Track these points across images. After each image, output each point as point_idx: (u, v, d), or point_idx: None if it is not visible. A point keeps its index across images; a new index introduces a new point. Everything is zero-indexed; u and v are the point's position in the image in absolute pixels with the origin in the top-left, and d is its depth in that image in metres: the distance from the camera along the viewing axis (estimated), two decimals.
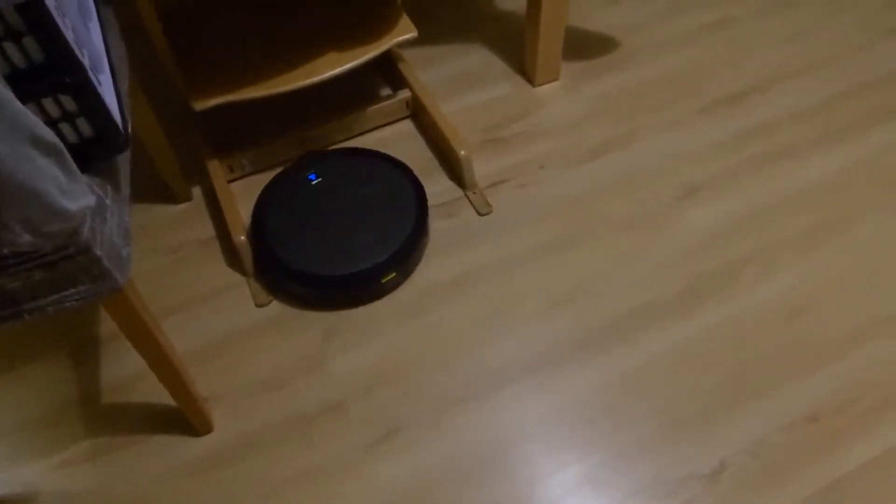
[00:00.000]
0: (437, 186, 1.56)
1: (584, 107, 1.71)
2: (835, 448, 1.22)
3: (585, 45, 1.84)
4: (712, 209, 1.52)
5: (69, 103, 0.82)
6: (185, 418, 1.22)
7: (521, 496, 1.19)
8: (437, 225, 1.51)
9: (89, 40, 0.92)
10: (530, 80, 1.76)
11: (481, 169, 1.59)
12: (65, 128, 0.83)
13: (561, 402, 1.28)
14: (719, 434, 1.24)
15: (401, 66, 1.69)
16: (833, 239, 1.47)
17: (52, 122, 0.82)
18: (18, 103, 0.69)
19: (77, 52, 0.81)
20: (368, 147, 1.58)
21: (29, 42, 0.76)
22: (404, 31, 1.49)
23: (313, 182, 1.48)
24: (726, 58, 1.81)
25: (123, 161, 0.98)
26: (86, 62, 0.84)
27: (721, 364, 1.31)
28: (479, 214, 1.52)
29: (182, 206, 1.55)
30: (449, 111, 1.68)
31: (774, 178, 1.57)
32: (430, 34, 1.86)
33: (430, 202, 1.52)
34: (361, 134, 1.66)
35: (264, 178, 1.54)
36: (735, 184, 1.56)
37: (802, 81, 1.75)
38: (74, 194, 0.77)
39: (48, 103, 0.80)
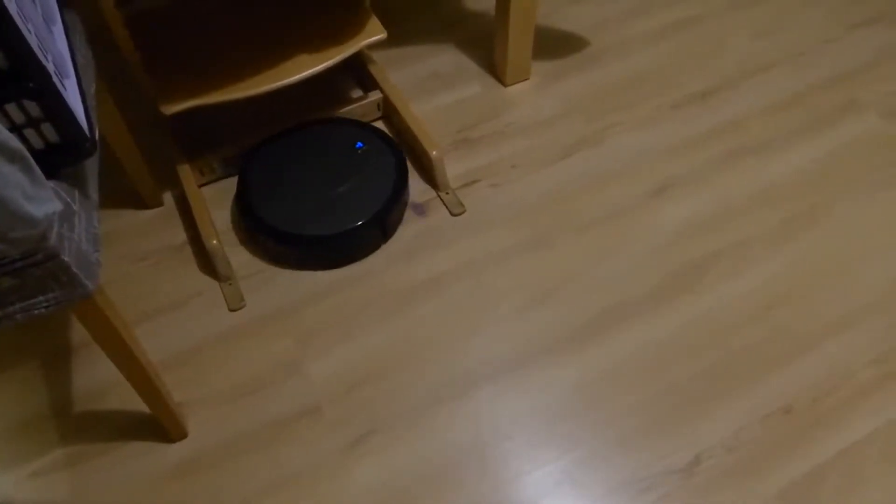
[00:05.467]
0: (409, 188, 1.56)
1: (556, 106, 1.71)
2: (809, 439, 1.23)
3: (556, 45, 1.85)
4: (685, 205, 1.53)
5: (34, 109, 0.81)
6: (159, 425, 1.22)
7: (500, 495, 1.19)
8: (411, 226, 1.51)
9: (53, 45, 0.91)
10: (501, 80, 1.76)
11: (453, 169, 1.59)
12: (30, 134, 0.82)
13: (538, 400, 1.28)
14: (695, 428, 1.25)
15: (371, 67, 1.68)
16: (805, 231, 1.49)
17: (16, 128, 0.81)
18: None
19: (41, 57, 0.80)
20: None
21: None
22: (373, 32, 1.49)
23: (360, 149, 1.53)
24: (696, 54, 1.82)
25: (91, 166, 0.98)
26: (50, 67, 0.83)
27: (696, 359, 1.32)
28: (453, 215, 1.52)
29: (153, 212, 1.54)
30: (420, 112, 1.68)
31: (746, 173, 1.58)
32: (399, 35, 1.86)
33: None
34: None
35: (236, 182, 1.54)
36: (707, 179, 1.57)
37: (772, 76, 1.77)
38: (40, 200, 0.76)
39: (12, 109, 0.79)
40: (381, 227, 1.45)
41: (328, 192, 1.46)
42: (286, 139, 1.54)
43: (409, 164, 1.60)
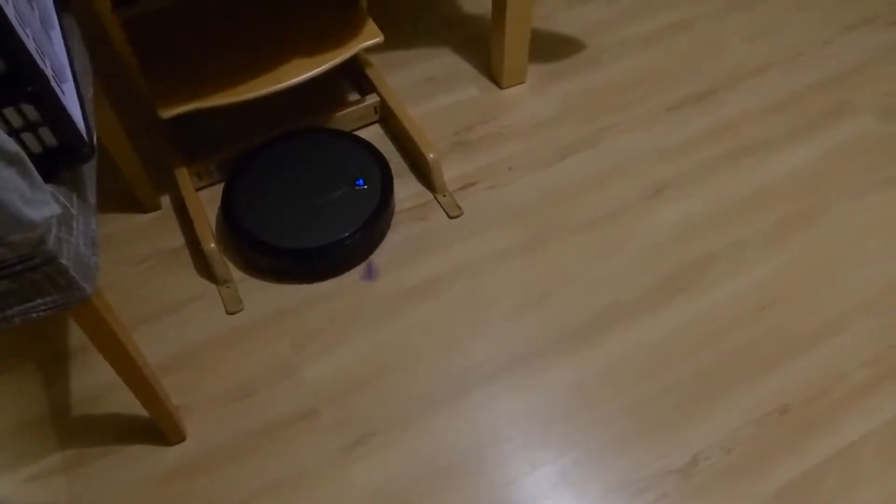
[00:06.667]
0: (406, 190, 1.56)
1: (552, 108, 1.72)
2: (806, 439, 1.24)
3: (552, 47, 1.85)
4: (681, 206, 1.53)
5: (31, 113, 0.81)
6: (157, 428, 1.22)
7: (498, 497, 1.19)
8: (408, 228, 1.51)
9: (51, 49, 0.91)
10: (497, 83, 1.77)
11: (450, 172, 1.59)
12: (28, 138, 0.83)
13: (535, 401, 1.29)
14: (692, 429, 1.25)
15: (368, 70, 1.69)
16: (801, 232, 1.49)
17: (14, 132, 0.81)
18: None
19: (39, 61, 0.81)
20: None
21: None
22: (370, 36, 1.49)
23: (360, 186, 1.49)
24: (692, 56, 1.83)
25: (89, 170, 0.98)
26: (48, 71, 0.83)
27: (692, 359, 1.33)
28: (450, 217, 1.53)
29: (150, 216, 1.54)
30: (417, 115, 1.68)
31: (742, 174, 1.59)
32: (396, 39, 1.87)
33: (399, 207, 1.53)
34: None
35: None
36: (703, 181, 1.58)
37: (767, 77, 1.78)
38: (38, 204, 0.76)
39: (10, 113, 0.80)
40: (362, 244, 1.45)
41: (312, 204, 1.45)
42: (272, 150, 1.54)
43: (406, 168, 1.60)
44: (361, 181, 1.49)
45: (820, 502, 1.18)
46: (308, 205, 1.45)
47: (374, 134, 1.67)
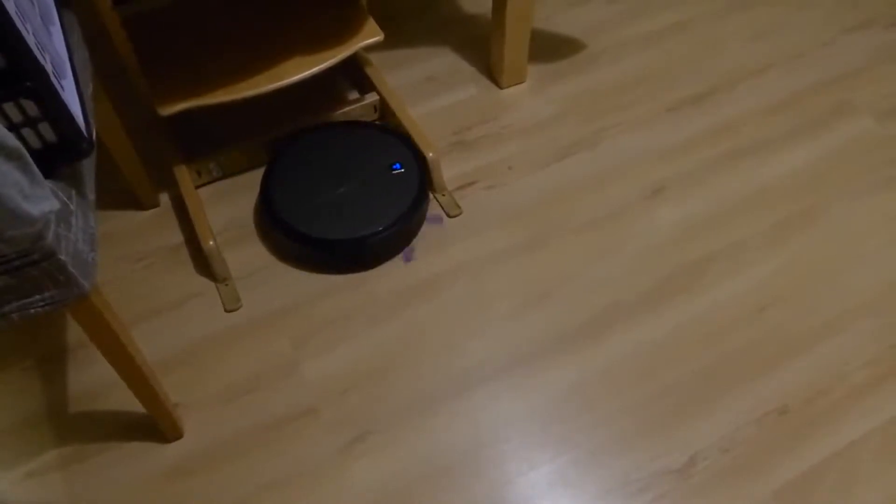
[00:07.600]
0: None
1: (551, 108, 1.72)
2: (805, 440, 1.24)
3: (551, 48, 1.85)
4: (680, 207, 1.53)
5: (31, 108, 0.81)
6: (155, 425, 1.21)
7: (496, 496, 1.19)
8: None
9: (51, 45, 0.91)
10: (497, 83, 1.77)
11: (450, 171, 1.59)
12: (27, 133, 0.82)
13: (534, 401, 1.28)
14: (691, 429, 1.25)
15: (368, 69, 1.69)
16: (801, 232, 1.49)
17: (14, 128, 0.81)
18: None
19: (39, 57, 0.80)
20: None
21: None
22: (370, 34, 1.49)
23: (397, 170, 1.51)
24: (692, 57, 1.83)
25: (88, 166, 0.98)
26: (48, 67, 0.83)
27: (692, 359, 1.32)
28: (449, 216, 1.53)
29: (149, 213, 1.54)
30: (417, 114, 1.68)
31: (742, 175, 1.59)
32: (396, 38, 1.86)
33: None
34: None
35: (232, 183, 1.55)
36: (703, 181, 1.58)
37: (767, 78, 1.78)
38: (37, 199, 0.76)
39: (10, 108, 0.79)
40: (404, 236, 1.47)
41: (351, 193, 1.47)
42: (315, 137, 1.56)
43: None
44: (398, 165, 1.49)
45: (819, 502, 1.18)
46: (347, 193, 1.46)
47: None
